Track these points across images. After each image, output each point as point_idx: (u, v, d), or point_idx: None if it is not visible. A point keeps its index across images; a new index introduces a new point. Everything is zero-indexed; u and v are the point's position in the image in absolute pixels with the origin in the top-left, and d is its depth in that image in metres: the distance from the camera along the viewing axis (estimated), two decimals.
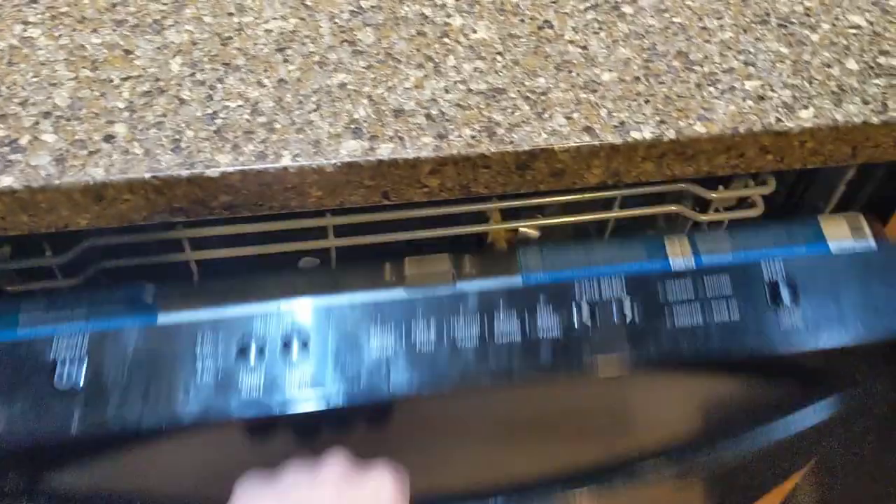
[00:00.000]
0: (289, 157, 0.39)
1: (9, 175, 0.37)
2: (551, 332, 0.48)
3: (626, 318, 0.49)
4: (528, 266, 0.51)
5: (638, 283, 0.49)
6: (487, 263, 0.52)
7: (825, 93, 0.43)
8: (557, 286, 0.48)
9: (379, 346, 0.46)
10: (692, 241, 0.53)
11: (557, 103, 0.42)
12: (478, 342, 0.47)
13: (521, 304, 0.47)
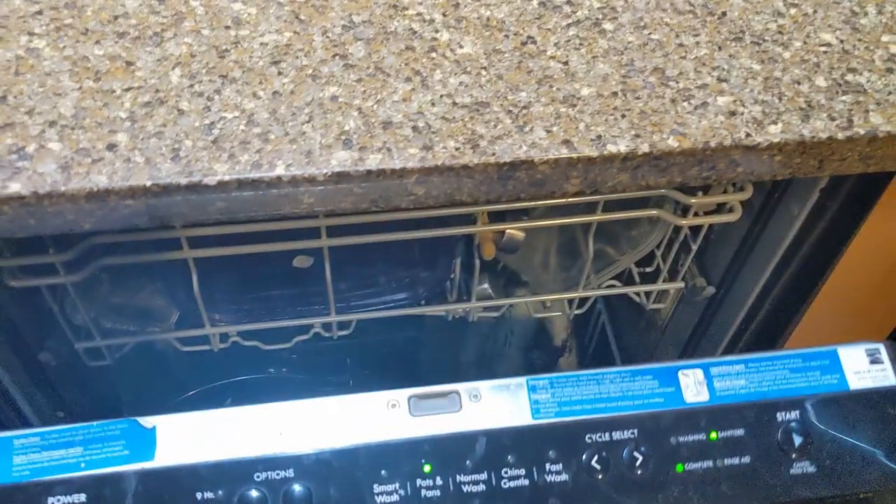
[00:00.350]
0: (282, 167, 0.41)
1: (16, 182, 0.39)
2: (559, 477, 0.48)
3: (635, 463, 0.49)
4: (538, 402, 0.51)
5: (649, 424, 0.49)
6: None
7: (794, 109, 0.45)
8: (567, 427, 0.49)
9: (384, 496, 0.47)
10: (706, 372, 0.53)
11: (538, 117, 0.44)
12: (485, 487, 0.48)
13: (529, 449, 0.48)
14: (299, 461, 0.47)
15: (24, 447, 0.48)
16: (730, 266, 0.70)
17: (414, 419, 0.50)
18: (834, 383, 0.53)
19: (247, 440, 0.48)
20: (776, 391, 0.53)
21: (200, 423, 0.49)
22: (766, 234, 0.65)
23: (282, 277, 0.67)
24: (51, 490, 0.46)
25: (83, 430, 0.49)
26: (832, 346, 0.55)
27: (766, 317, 0.69)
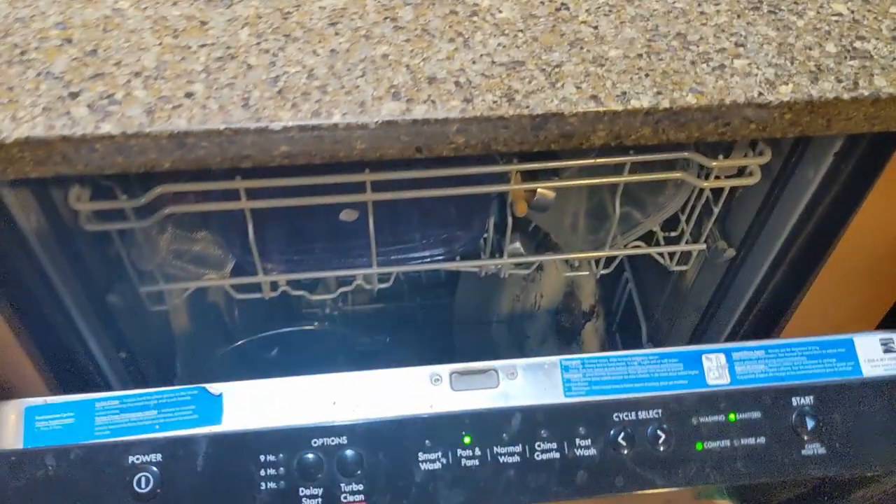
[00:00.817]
0: (338, 116, 0.46)
1: (108, 123, 0.45)
2: (588, 451, 0.52)
3: (658, 441, 0.53)
4: (570, 381, 0.56)
5: (673, 405, 0.53)
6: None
7: (804, 71, 0.50)
8: (596, 406, 0.53)
9: (428, 464, 0.52)
10: (728, 357, 0.57)
11: (569, 75, 0.48)
12: (519, 459, 0.52)
13: (560, 425, 0.52)
14: (352, 429, 0.52)
15: (104, 409, 0.54)
16: (749, 230, 0.74)
17: (455, 394, 0.54)
18: (848, 370, 0.57)
19: (304, 408, 0.53)
20: (793, 376, 0.57)
21: (262, 391, 0.54)
22: (783, 198, 0.69)
23: (328, 231, 0.72)
24: (130, 450, 0.51)
25: (157, 396, 0.54)
26: (848, 335, 0.58)
27: (781, 280, 0.73)
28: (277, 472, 0.51)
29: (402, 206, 0.74)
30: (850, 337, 0.58)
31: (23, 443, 0.53)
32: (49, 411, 0.54)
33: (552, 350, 0.97)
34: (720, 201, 0.72)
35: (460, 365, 0.55)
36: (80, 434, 0.53)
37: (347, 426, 0.52)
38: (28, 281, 0.62)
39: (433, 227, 0.74)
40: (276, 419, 0.53)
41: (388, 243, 0.74)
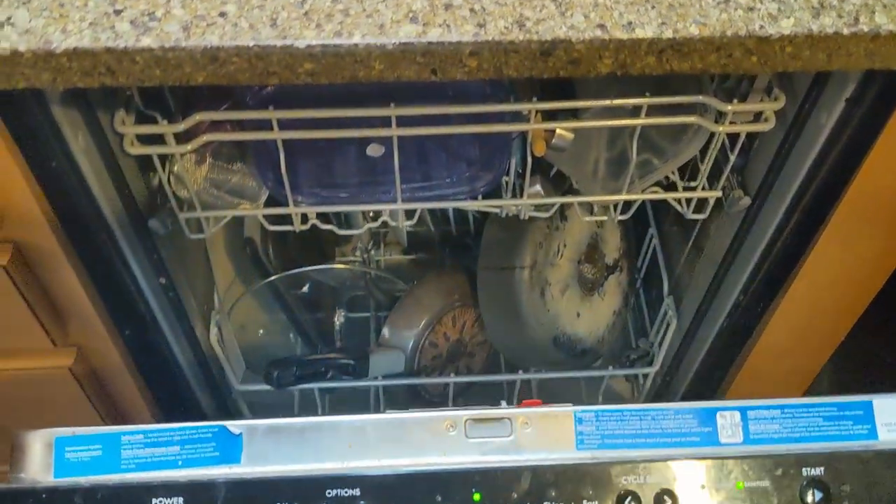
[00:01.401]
0: (359, 36, 0.49)
1: (148, 37, 0.49)
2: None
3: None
4: (583, 433, 0.57)
5: (681, 471, 0.54)
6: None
7: (807, 7, 0.52)
8: (605, 468, 0.54)
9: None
10: (743, 415, 0.57)
11: (578, 5, 0.51)
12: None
13: (568, 486, 0.53)
14: (365, 481, 0.53)
15: (130, 443, 0.56)
16: (764, 178, 0.76)
17: (469, 441, 0.56)
18: (864, 434, 0.57)
19: (320, 451, 0.55)
20: (807, 438, 0.57)
21: (281, 431, 0.56)
22: (797, 145, 0.71)
23: (356, 166, 0.76)
24: (154, 492, 0.53)
25: (180, 432, 0.57)
26: (868, 397, 0.58)
27: (794, 228, 0.75)
28: None
29: (428, 145, 0.77)
30: (870, 399, 0.58)
31: (53, 474, 0.55)
32: (78, 443, 0.56)
33: (573, 300, 0.99)
34: (736, 148, 0.74)
35: (476, 412, 0.57)
36: (106, 466, 0.56)
37: (360, 477, 0.53)
38: (77, 201, 0.67)
39: (457, 166, 0.77)
40: (293, 462, 0.55)
41: (413, 180, 0.77)
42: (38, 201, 0.65)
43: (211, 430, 0.56)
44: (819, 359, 0.91)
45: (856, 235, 0.74)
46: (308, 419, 0.57)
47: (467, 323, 1.01)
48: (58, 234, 0.68)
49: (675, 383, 1.04)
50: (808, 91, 0.67)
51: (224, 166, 0.77)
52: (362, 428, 0.56)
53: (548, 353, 0.97)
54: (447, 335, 1.00)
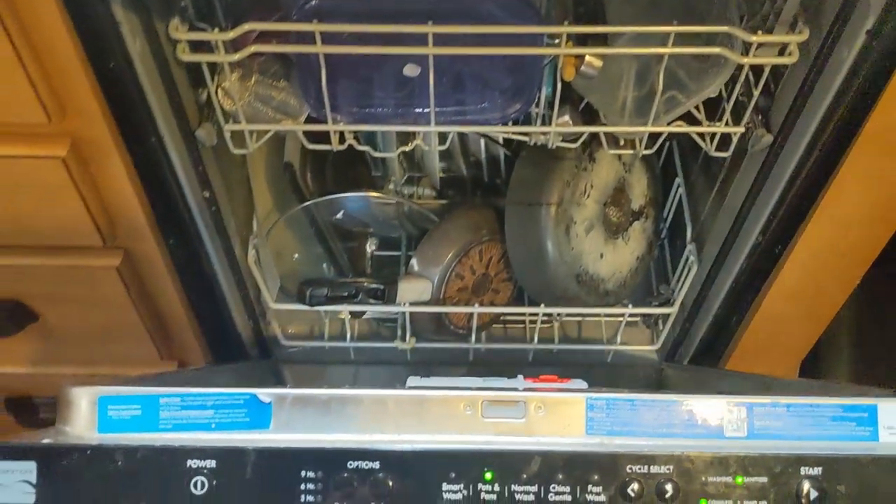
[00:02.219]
0: None
1: None
2: (598, 497, 0.56)
3: (665, 495, 0.56)
4: (594, 419, 0.60)
5: (685, 463, 0.56)
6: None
7: None
8: (612, 456, 0.56)
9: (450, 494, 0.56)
10: (749, 411, 0.59)
11: None
12: (534, 498, 0.56)
13: (576, 471, 0.56)
14: (385, 455, 0.57)
15: (168, 405, 0.60)
16: (787, 116, 0.78)
17: (484, 421, 0.60)
18: (865, 436, 0.59)
19: (344, 423, 0.59)
20: (809, 436, 0.59)
21: (307, 401, 0.60)
22: (820, 80, 0.73)
23: (393, 86, 0.79)
24: (190, 454, 0.56)
25: (214, 397, 0.61)
26: (873, 401, 0.60)
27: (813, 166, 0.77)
28: (316, 487, 0.56)
29: (463, 72, 0.80)
30: (875, 403, 0.60)
31: (97, 429, 0.60)
32: (120, 402, 0.61)
33: (597, 240, 1.02)
34: (760, 83, 0.76)
35: (492, 394, 0.60)
36: (145, 425, 0.60)
37: (381, 451, 0.57)
38: (131, 102, 0.71)
39: (489, 93, 0.81)
40: (318, 431, 0.60)
41: (447, 104, 0.81)
42: (97, 98, 0.69)
43: (243, 397, 0.61)
44: (835, 302, 0.93)
45: (874, 172, 0.76)
46: (333, 391, 0.61)
47: (493, 258, 1.05)
48: (113, 132, 0.72)
49: (693, 331, 1.07)
50: (831, 25, 0.70)
51: (270, 83, 0.81)
52: (383, 402, 0.60)
53: (569, 290, 1.01)
54: (473, 268, 1.03)
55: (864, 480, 0.56)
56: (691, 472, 0.56)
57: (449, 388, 0.62)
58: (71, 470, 0.56)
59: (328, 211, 1.03)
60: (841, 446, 0.58)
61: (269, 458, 0.57)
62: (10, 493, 0.56)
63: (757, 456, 0.56)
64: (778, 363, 1.05)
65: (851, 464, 0.56)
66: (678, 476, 0.56)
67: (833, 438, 0.59)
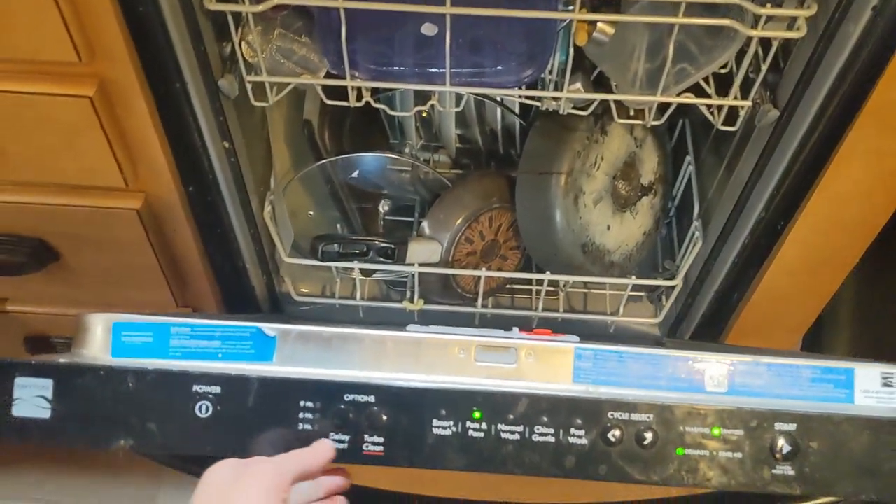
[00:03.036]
0: None
1: None
2: (579, 440, 0.59)
3: (643, 441, 0.58)
4: (581, 369, 0.62)
5: (665, 414, 0.59)
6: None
7: None
8: (595, 403, 0.59)
9: (440, 430, 0.60)
10: (731, 368, 0.62)
11: None
12: (519, 437, 0.59)
13: (560, 414, 0.59)
14: (380, 390, 0.60)
15: (178, 334, 0.64)
16: (793, 91, 0.79)
17: (476, 364, 0.63)
18: (841, 398, 0.62)
19: (344, 359, 0.62)
20: (787, 395, 0.61)
21: (310, 337, 0.63)
22: (826, 56, 0.75)
23: (411, 45, 0.82)
24: (196, 380, 0.60)
25: (222, 329, 0.64)
26: (851, 364, 0.62)
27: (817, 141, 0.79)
28: (314, 416, 0.60)
29: (479, 35, 0.83)
30: (853, 367, 0.62)
31: (111, 353, 0.63)
32: (133, 328, 0.64)
33: (605, 212, 1.05)
34: (768, 58, 0.78)
35: (486, 340, 0.63)
36: (156, 352, 0.63)
37: (376, 386, 0.60)
38: (158, 46, 0.74)
39: (504, 56, 0.83)
40: (318, 365, 0.62)
41: (463, 66, 0.83)
42: (126, 41, 0.72)
43: (249, 329, 0.64)
44: (835, 279, 0.94)
45: (875, 148, 0.78)
46: (335, 329, 0.64)
47: (503, 225, 1.07)
48: (139, 76, 0.75)
49: (695, 306, 1.08)
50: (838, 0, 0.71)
51: (291, 37, 0.84)
52: (382, 342, 0.63)
53: (575, 259, 1.03)
54: (483, 234, 1.06)
55: (836, 438, 0.58)
56: (671, 421, 0.59)
57: (445, 333, 0.64)
58: (85, 388, 0.60)
59: (344, 170, 1.06)
60: (816, 406, 0.60)
61: (270, 386, 0.60)
62: (28, 406, 0.60)
63: (734, 409, 0.58)
64: (779, 339, 1.07)
65: (825, 422, 0.58)
66: (658, 424, 0.58)
67: (809, 399, 0.61)
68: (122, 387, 0.60)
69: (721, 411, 0.59)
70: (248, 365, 0.64)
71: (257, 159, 1.02)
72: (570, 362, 0.63)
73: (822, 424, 0.58)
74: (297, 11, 0.84)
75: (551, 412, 0.59)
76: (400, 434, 0.60)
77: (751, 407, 0.59)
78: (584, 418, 0.59)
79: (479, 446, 0.59)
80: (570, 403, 0.59)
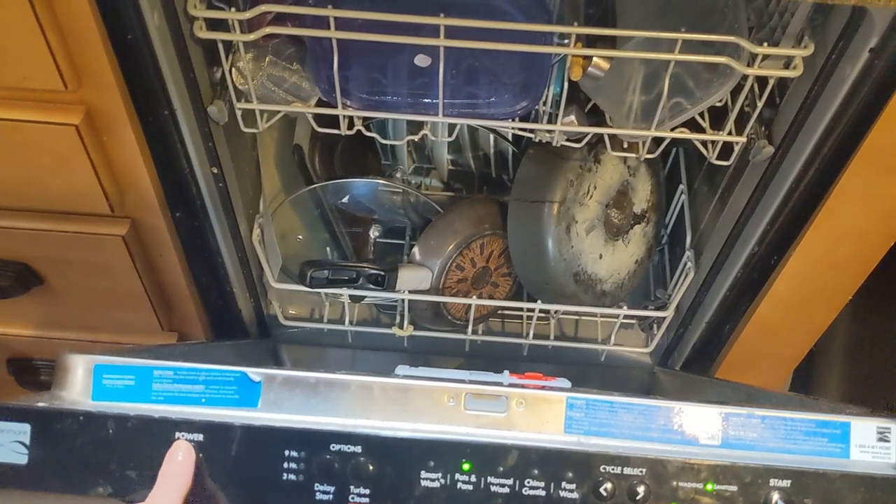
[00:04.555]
0: None
1: None
2: (571, 495, 0.57)
3: (636, 497, 0.57)
4: (573, 419, 0.61)
5: (657, 468, 0.57)
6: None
7: None
8: (587, 456, 0.57)
9: (428, 482, 0.58)
10: (725, 419, 0.60)
11: None
12: (509, 490, 0.58)
13: (551, 468, 0.57)
14: (367, 440, 0.58)
15: (160, 378, 0.62)
16: (789, 128, 0.79)
17: (466, 413, 0.61)
18: (836, 452, 0.60)
19: (329, 407, 0.61)
20: (781, 449, 0.60)
21: (295, 383, 0.62)
22: (823, 95, 0.74)
23: (404, 75, 0.81)
24: (178, 426, 0.58)
25: (206, 372, 0.62)
26: (847, 418, 0.61)
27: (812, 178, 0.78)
28: (298, 466, 0.58)
29: (474, 66, 0.82)
30: (848, 421, 0.61)
31: (91, 396, 0.61)
32: (115, 371, 0.62)
33: (597, 241, 1.04)
34: (764, 95, 0.78)
35: (476, 388, 0.61)
36: (138, 396, 0.62)
37: (363, 436, 0.58)
38: (146, 74, 0.73)
39: (499, 88, 0.82)
40: (304, 412, 0.61)
41: (457, 97, 0.82)
42: (114, 69, 0.71)
43: (234, 374, 0.62)
44: (828, 315, 0.94)
45: (871, 189, 0.77)
46: (322, 374, 0.62)
47: (494, 252, 1.06)
48: (127, 103, 0.74)
49: (686, 336, 1.08)
50: (836, 41, 0.71)
51: (283, 65, 0.83)
52: (370, 388, 0.61)
53: (567, 288, 1.02)
54: (474, 261, 1.05)
55: (831, 496, 0.57)
56: (663, 475, 0.57)
57: (434, 379, 0.63)
58: (64, 434, 0.58)
59: (335, 195, 1.04)
60: (811, 461, 0.59)
61: (254, 435, 0.58)
62: (5, 452, 0.58)
63: (728, 465, 0.57)
64: (769, 373, 1.06)
65: (820, 478, 0.57)
66: (650, 479, 0.57)
67: (804, 453, 0.60)
68: (102, 433, 0.58)
69: (715, 466, 0.57)
70: (232, 411, 0.62)
71: (246, 183, 1.01)
72: (561, 412, 0.61)
73: (817, 481, 0.57)
74: (288, 39, 0.83)
75: (542, 465, 0.58)
76: (387, 485, 0.58)
77: (745, 462, 0.58)
78: (575, 472, 0.58)
79: (467, 499, 0.58)
80: (561, 456, 0.58)
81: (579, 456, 0.58)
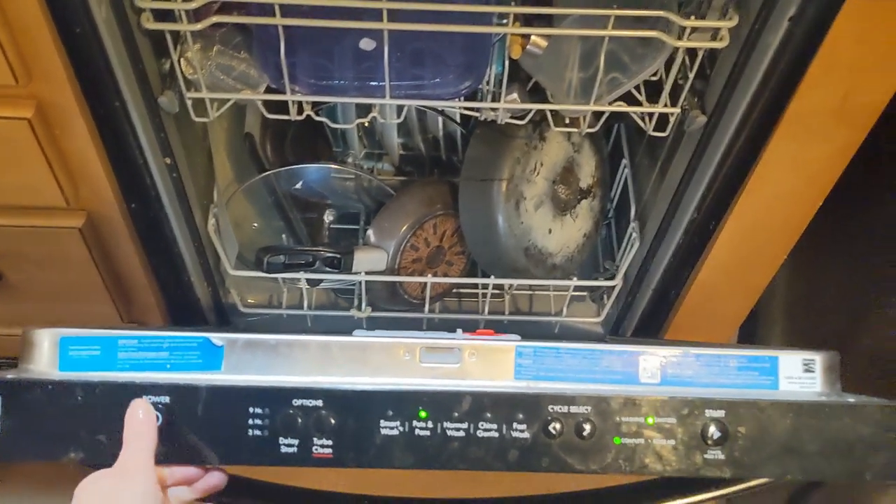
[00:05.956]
0: None
1: None
2: (522, 434, 0.61)
3: (583, 432, 0.61)
4: (522, 366, 0.65)
5: (602, 405, 0.62)
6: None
7: None
8: (536, 397, 0.61)
9: (387, 430, 0.61)
10: (663, 360, 0.65)
11: None
12: (464, 434, 0.61)
13: (503, 410, 0.61)
14: (328, 394, 0.61)
15: (126, 346, 0.64)
16: (719, 97, 0.83)
17: (421, 366, 0.65)
18: (767, 384, 0.65)
19: (291, 366, 0.64)
20: (716, 384, 0.65)
21: (257, 345, 0.65)
22: (748, 64, 0.78)
23: (350, 59, 0.83)
24: (145, 390, 0.61)
25: (169, 340, 0.65)
26: (775, 352, 0.66)
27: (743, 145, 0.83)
28: (263, 422, 0.61)
29: (418, 48, 0.84)
30: (776, 355, 0.66)
31: (58, 367, 0.63)
32: (80, 343, 0.64)
33: (546, 216, 1.07)
34: (694, 66, 0.82)
35: (430, 341, 0.65)
36: (104, 365, 0.63)
37: (324, 390, 0.61)
38: (96, 66, 0.74)
39: (443, 69, 0.85)
40: (266, 372, 0.64)
41: (403, 79, 0.84)
42: (63, 63, 0.72)
43: (196, 340, 0.64)
44: (765, 274, 0.99)
45: (797, 153, 0.82)
46: (281, 336, 0.65)
47: (447, 231, 1.09)
48: (77, 96, 0.75)
49: (635, 304, 1.12)
50: (758, 12, 0.75)
51: (231, 54, 0.84)
52: (328, 347, 0.65)
53: (518, 263, 1.05)
54: (428, 240, 1.08)
55: (762, 423, 0.61)
56: (607, 412, 0.61)
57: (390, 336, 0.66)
58: (33, 403, 0.60)
59: (287, 182, 1.06)
60: (744, 393, 0.63)
61: (219, 394, 0.61)
62: None
63: (667, 399, 0.62)
64: (715, 333, 1.11)
65: (751, 407, 0.61)
66: (595, 416, 0.61)
67: (738, 386, 0.64)
68: (72, 400, 0.60)
69: (654, 401, 0.61)
70: (197, 375, 0.64)
71: (199, 172, 1.03)
72: (511, 360, 0.65)
73: (749, 410, 0.61)
74: (235, 28, 0.85)
75: (494, 409, 0.61)
76: (348, 436, 0.61)
77: (682, 396, 0.62)
78: (525, 413, 0.62)
79: (425, 444, 0.61)
80: (511, 399, 0.61)
81: (529, 398, 0.61)
